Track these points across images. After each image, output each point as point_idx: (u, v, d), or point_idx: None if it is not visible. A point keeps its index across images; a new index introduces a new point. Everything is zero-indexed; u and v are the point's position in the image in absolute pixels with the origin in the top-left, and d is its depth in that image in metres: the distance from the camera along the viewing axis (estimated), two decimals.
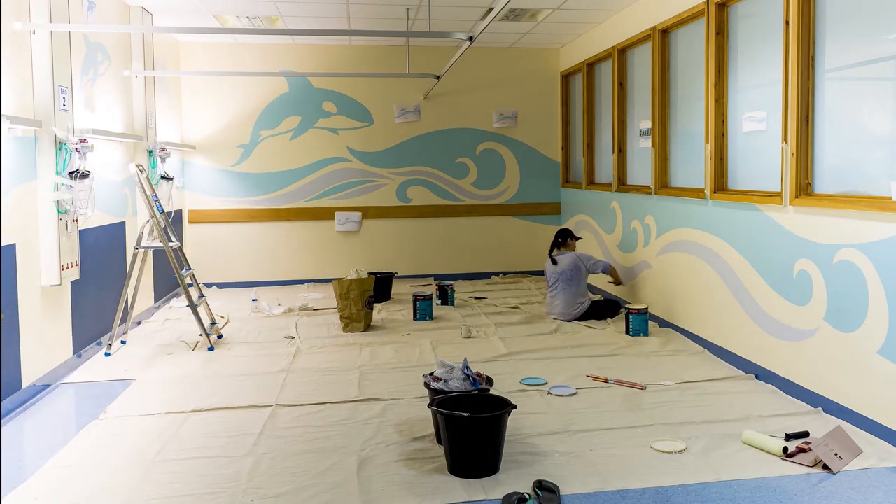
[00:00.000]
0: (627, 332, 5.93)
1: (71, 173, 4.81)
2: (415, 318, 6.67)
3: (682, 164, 6.04)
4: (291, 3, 6.66)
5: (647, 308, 5.93)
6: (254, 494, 3.14)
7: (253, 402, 4.36)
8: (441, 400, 3.45)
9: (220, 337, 5.98)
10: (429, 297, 6.69)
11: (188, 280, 6.05)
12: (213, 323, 6.12)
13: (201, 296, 6.13)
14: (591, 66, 8.11)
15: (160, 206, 5.92)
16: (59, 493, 3.17)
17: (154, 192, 5.94)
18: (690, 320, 5.72)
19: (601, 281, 7.71)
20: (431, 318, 6.68)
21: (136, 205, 6.66)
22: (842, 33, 4.07)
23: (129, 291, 5.87)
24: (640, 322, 5.90)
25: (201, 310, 5.95)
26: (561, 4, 6.80)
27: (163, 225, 5.86)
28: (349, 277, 6.28)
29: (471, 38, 4.85)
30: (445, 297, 7.36)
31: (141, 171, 5.74)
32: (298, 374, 4.95)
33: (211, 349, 5.59)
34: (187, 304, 5.77)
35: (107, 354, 5.42)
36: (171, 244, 5.89)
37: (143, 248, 5.84)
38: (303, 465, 3.44)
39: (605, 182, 7.83)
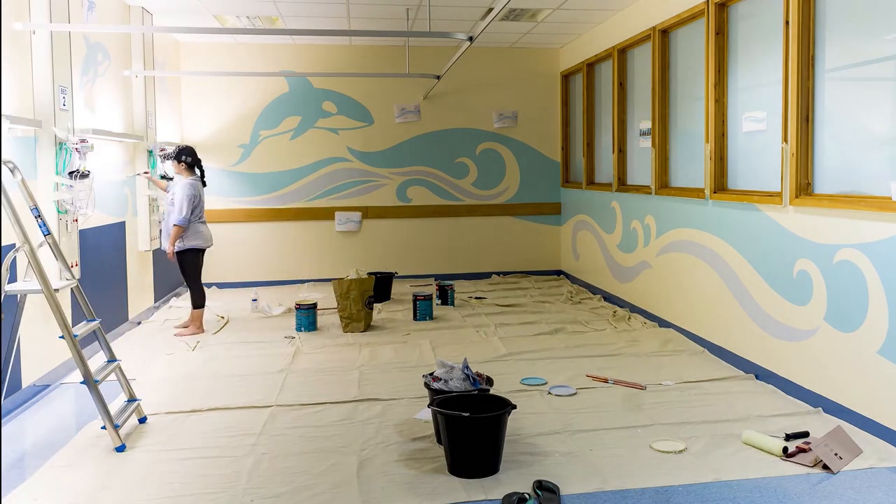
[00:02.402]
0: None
1: (71, 173, 4.82)
2: (415, 318, 6.68)
3: (682, 164, 6.04)
4: (291, 3, 6.66)
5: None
6: (254, 494, 3.14)
7: (253, 402, 4.36)
8: (441, 400, 3.45)
9: (142, 420, 4.08)
10: (429, 297, 6.70)
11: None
12: (133, 399, 4.08)
13: (112, 360, 4.12)
14: (591, 66, 8.11)
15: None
16: (59, 493, 3.17)
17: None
18: (690, 320, 5.72)
19: (598, 278, 7.72)
20: (431, 318, 6.69)
21: (136, 205, 6.66)
22: (842, 33, 4.07)
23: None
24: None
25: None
26: (561, 4, 6.80)
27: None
28: (349, 277, 6.28)
29: (471, 38, 4.85)
30: (445, 297, 7.36)
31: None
32: (298, 374, 4.95)
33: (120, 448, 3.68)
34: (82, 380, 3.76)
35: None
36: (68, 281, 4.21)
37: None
38: (303, 465, 3.44)
39: (605, 182, 7.82)
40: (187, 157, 6.18)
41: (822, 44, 4.20)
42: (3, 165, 3.77)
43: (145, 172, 6.55)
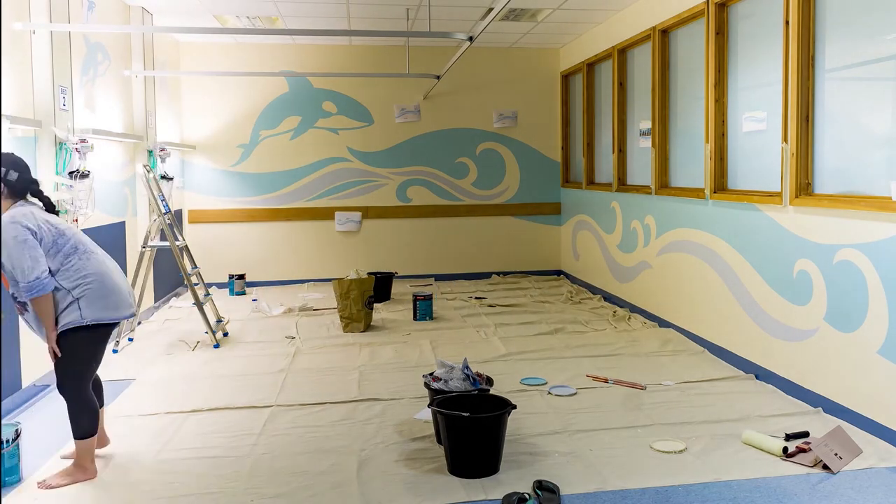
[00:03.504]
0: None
1: (71, 173, 4.82)
2: (415, 318, 6.67)
3: (682, 164, 6.04)
4: (291, 3, 6.66)
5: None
6: (254, 494, 3.14)
7: (253, 402, 4.36)
8: (441, 400, 3.45)
9: (225, 334, 6.04)
10: (429, 297, 6.69)
11: (194, 279, 6.10)
12: (220, 321, 6.12)
13: (207, 294, 6.20)
14: (591, 66, 8.11)
15: (166, 204, 6.00)
16: (59, 493, 3.17)
17: (160, 191, 6.00)
18: (690, 320, 5.72)
19: (598, 278, 7.72)
20: (431, 318, 6.69)
21: (136, 205, 6.66)
22: (842, 33, 4.07)
23: (136, 290, 5.96)
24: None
25: (207, 308, 6.07)
26: (561, 4, 6.80)
27: (169, 223, 5.90)
28: (349, 277, 6.29)
29: (471, 38, 4.85)
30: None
31: (148, 171, 5.87)
32: (298, 374, 4.95)
33: (216, 346, 5.66)
34: (193, 302, 5.85)
35: (115, 351, 5.53)
36: (177, 243, 5.90)
37: (150, 246, 5.94)
38: (303, 465, 3.44)
39: (605, 182, 7.83)
40: (12, 174, 3.16)
41: (822, 44, 4.20)
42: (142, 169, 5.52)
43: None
